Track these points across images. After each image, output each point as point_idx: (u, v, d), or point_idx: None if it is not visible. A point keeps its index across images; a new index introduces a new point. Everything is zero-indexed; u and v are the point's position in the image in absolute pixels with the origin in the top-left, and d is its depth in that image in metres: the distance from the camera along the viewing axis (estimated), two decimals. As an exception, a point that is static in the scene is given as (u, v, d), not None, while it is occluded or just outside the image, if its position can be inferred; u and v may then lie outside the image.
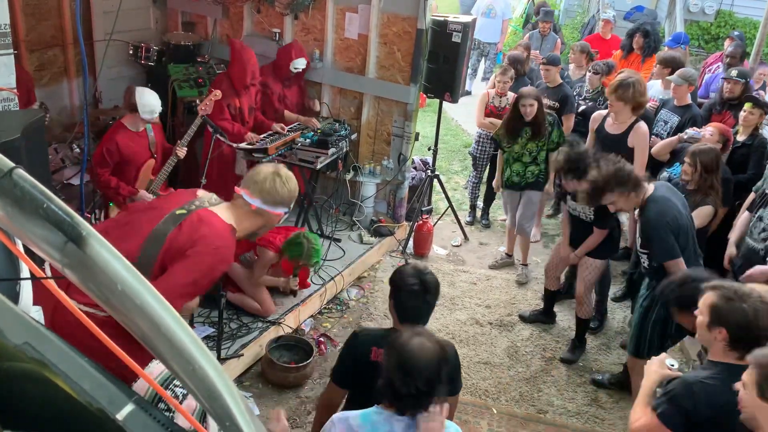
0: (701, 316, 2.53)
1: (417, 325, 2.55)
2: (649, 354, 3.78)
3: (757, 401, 2.09)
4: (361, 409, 2.29)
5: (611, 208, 4.01)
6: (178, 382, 1.67)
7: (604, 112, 5.27)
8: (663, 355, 2.70)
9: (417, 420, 2.16)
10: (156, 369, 1.70)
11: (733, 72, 5.63)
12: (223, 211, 2.72)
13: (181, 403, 1.65)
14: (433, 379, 2.14)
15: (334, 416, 2.28)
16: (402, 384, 2.12)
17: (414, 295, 2.62)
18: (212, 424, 1.55)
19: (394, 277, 2.75)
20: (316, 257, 4.48)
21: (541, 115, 5.23)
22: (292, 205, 2.85)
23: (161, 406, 1.58)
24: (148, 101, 4.46)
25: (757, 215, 4.13)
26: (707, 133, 4.85)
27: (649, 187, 3.79)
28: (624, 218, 6.01)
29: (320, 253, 4.55)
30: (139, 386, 1.56)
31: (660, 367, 2.62)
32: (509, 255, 5.96)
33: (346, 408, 2.70)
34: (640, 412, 2.55)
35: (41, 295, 1.67)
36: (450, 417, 2.72)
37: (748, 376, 2.14)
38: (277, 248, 4.51)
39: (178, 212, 2.63)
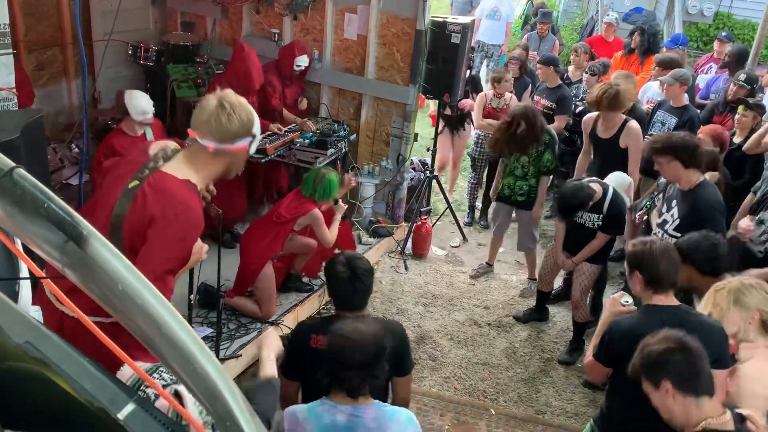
0: (626, 268, 2.92)
1: (354, 312, 2.73)
2: None
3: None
4: (317, 398, 2.38)
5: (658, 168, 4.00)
6: (164, 369, 1.69)
7: (594, 114, 5.22)
8: (620, 292, 3.02)
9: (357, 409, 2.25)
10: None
11: (742, 75, 5.65)
12: (178, 166, 2.46)
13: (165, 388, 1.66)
14: (367, 360, 2.23)
15: (285, 410, 2.36)
16: (338, 368, 2.23)
17: (343, 281, 2.72)
18: (191, 404, 1.55)
19: (326, 268, 2.86)
20: (332, 190, 4.43)
21: (529, 134, 5.06)
22: (256, 131, 2.53)
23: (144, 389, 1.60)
24: (138, 103, 4.48)
25: (757, 218, 4.12)
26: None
27: (701, 175, 3.84)
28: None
29: (335, 184, 4.46)
30: (124, 373, 1.58)
31: (614, 304, 2.97)
32: (489, 264, 5.91)
33: (304, 401, 2.75)
34: (588, 357, 2.93)
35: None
36: (404, 398, 2.88)
37: None
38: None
39: (131, 185, 2.41)
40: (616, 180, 4.63)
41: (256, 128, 2.52)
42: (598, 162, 5.25)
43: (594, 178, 4.63)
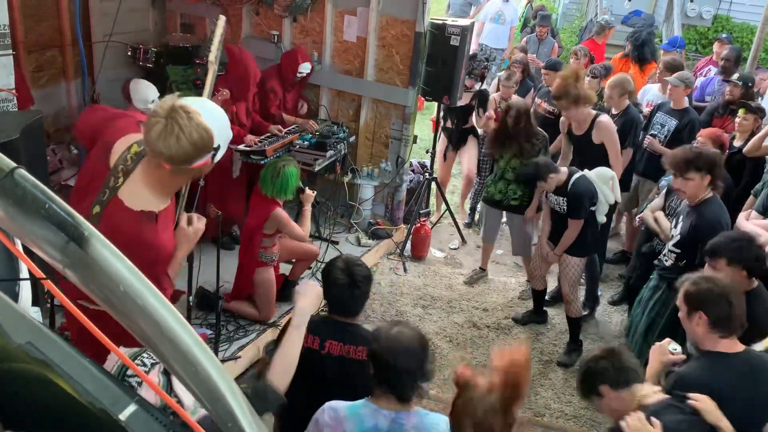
0: (681, 309, 2.68)
1: (348, 318, 2.72)
2: None
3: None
4: (309, 395, 2.38)
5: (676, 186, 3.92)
6: (146, 355, 1.69)
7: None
8: (667, 339, 2.77)
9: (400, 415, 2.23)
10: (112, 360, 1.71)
11: (736, 75, 5.67)
12: (136, 186, 2.25)
13: (147, 374, 1.67)
14: (418, 364, 2.22)
15: (327, 403, 2.33)
16: (390, 372, 2.21)
17: (341, 287, 2.68)
18: (185, 397, 1.55)
19: (324, 271, 2.81)
20: (290, 183, 4.27)
21: (527, 131, 5.05)
22: (219, 142, 2.20)
23: (129, 372, 1.61)
24: (142, 91, 4.58)
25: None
26: (700, 145, 4.83)
27: (710, 191, 3.77)
28: (621, 225, 6.03)
29: (293, 176, 4.29)
30: (109, 361, 1.59)
31: (663, 352, 2.71)
32: (483, 269, 5.89)
33: (295, 396, 2.73)
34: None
35: None
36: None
37: None
38: None
39: (94, 212, 2.25)
40: (598, 173, 4.63)
41: (219, 140, 2.19)
42: (578, 161, 5.17)
43: (571, 167, 4.68)
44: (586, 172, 4.56)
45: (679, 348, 2.70)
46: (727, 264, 3.09)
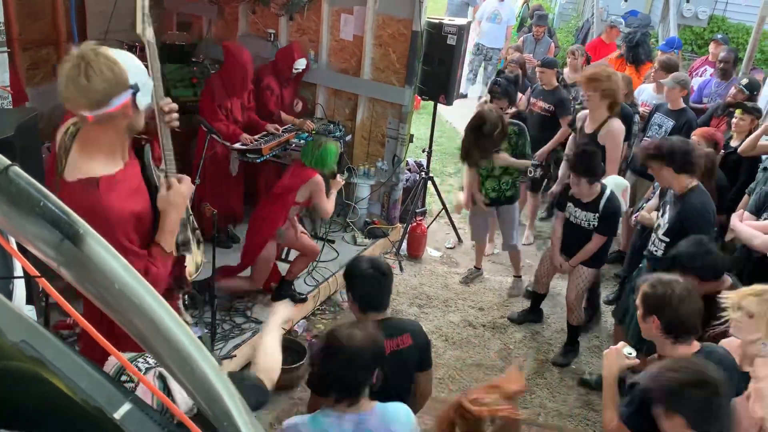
0: (639, 309, 2.67)
1: (380, 312, 2.72)
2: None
3: None
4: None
5: (653, 173, 3.97)
6: (141, 360, 1.69)
7: (587, 111, 5.18)
8: (621, 343, 2.77)
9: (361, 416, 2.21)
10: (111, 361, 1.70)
11: (744, 80, 5.69)
12: (76, 160, 2.21)
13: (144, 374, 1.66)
14: (369, 362, 2.19)
15: (284, 423, 2.29)
16: (340, 372, 2.18)
17: (370, 279, 2.71)
18: (179, 397, 1.55)
19: (349, 270, 2.83)
20: (329, 158, 4.43)
21: (497, 134, 4.92)
22: (136, 80, 2.17)
23: (123, 378, 1.59)
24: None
25: (763, 218, 4.10)
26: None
27: (695, 181, 3.81)
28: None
29: (332, 152, 4.47)
30: (108, 364, 1.58)
31: (618, 357, 2.69)
32: (478, 268, 5.90)
33: None
34: (612, 423, 2.59)
35: None
36: (426, 390, 2.92)
37: None
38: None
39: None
40: (615, 183, 4.63)
41: (134, 77, 2.16)
42: None
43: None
44: (606, 183, 4.53)
45: (633, 352, 2.70)
46: (682, 273, 3.17)
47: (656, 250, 3.91)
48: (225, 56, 5.14)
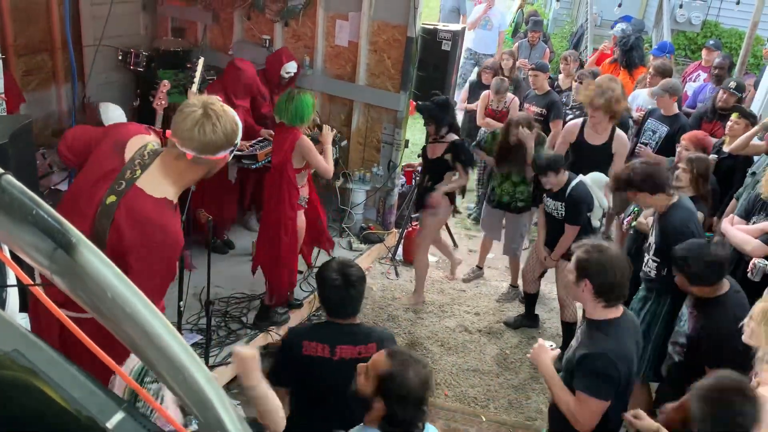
0: (571, 274, 2.77)
1: (347, 319, 2.70)
2: (647, 375, 3.81)
3: None
4: (306, 405, 2.40)
5: (631, 198, 4.01)
6: (149, 379, 1.66)
7: (578, 121, 5.21)
8: (540, 340, 2.95)
9: None
10: (130, 363, 1.67)
11: (732, 84, 5.69)
12: (155, 177, 2.33)
13: (156, 398, 1.63)
14: (423, 400, 2.13)
15: None
16: (400, 410, 2.10)
17: (336, 288, 2.68)
18: (170, 405, 1.53)
19: (318, 274, 2.81)
20: (305, 109, 4.15)
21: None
22: (238, 141, 2.39)
23: (139, 405, 1.57)
24: (112, 115, 4.51)
25: (752, 221, 4.11)
26: (682, 149, 4.86)
27: (674, 197, 3.83)
28: (612, 229, 6.05)
29: (308, 104, 4.19)
30: (117, 385, 1.56)
31: (543, 351, 2.87)
32: (480, 267, 5.91)
33: (295, 407, 2.70)
34: (571, 401, 2.70)
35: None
36: None
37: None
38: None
39: (108, 201, 2.29)
40: (594, 179, 4.64)
41: (239, 138, 2.39)
42: (576, 167, 5.09)
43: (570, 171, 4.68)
44: (581, 177, 4.58)
45: (553, 344, 2.90)
46: (677, 272, 3.37)
47: (650, 271, 3.93)
48: (230, 71, 5.11)
